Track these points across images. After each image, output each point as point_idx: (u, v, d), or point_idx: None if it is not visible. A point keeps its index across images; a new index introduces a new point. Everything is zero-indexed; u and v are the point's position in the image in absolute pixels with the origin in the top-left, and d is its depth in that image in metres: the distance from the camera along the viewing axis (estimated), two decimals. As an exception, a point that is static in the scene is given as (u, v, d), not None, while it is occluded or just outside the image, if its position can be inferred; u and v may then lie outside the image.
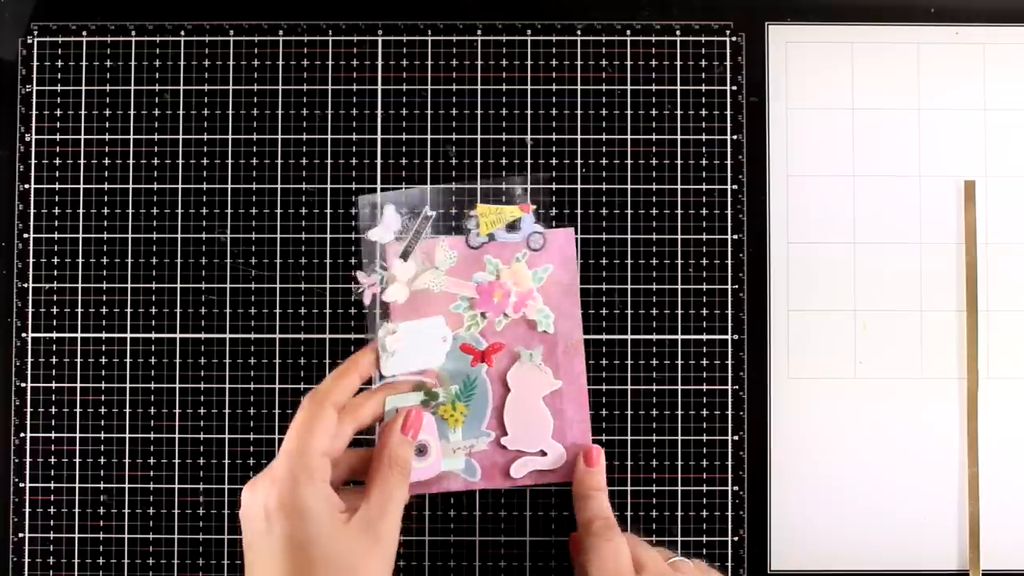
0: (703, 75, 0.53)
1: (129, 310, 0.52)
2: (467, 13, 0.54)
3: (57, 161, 0.53)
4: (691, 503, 0.52)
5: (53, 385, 0.52)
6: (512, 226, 0.51)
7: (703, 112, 0.53)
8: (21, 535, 0.52)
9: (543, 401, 0.50)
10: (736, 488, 0.52)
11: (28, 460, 0.52)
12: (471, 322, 0.51)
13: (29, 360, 0.52)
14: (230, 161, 0.53)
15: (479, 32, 0.53)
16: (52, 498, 0.52)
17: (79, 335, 0.52)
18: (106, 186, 0.53)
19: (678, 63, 0.53)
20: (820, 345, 0.53)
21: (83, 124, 0.53)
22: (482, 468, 0.51)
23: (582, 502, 0.48)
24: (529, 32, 0.53)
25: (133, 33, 0.53)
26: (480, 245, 0.51)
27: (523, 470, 0.50)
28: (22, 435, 0.52)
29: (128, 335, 0.52)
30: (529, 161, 0.53)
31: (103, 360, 0.52)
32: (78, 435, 0.52)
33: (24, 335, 0.53)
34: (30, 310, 0.53)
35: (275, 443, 0.52)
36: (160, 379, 0.52)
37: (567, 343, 0.51)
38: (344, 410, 0.45)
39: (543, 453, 0.50)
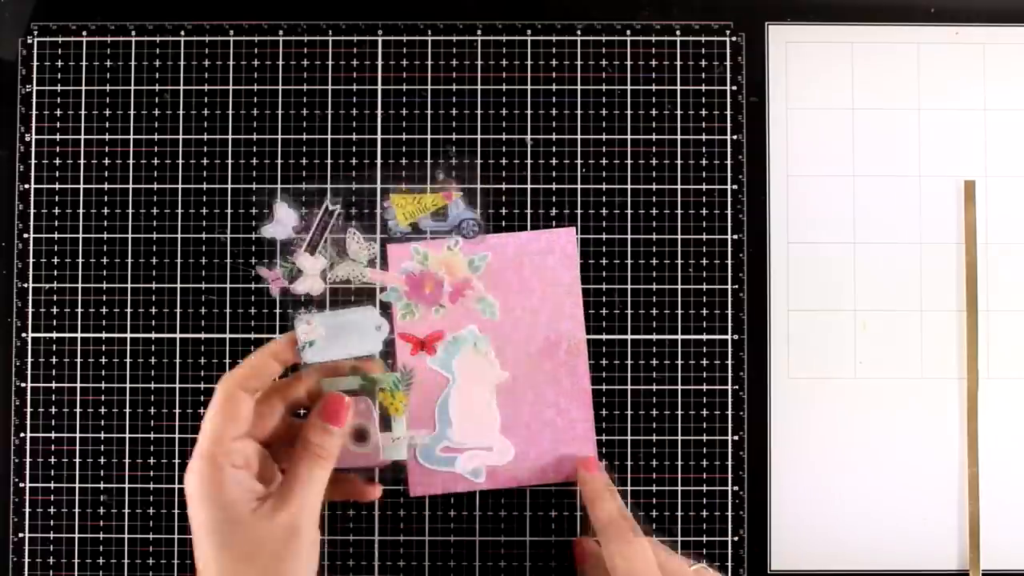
0: (703, 75, 0.53)
1: (129, 310, 0.52)
2: (467, 13, 0.54)
3: (57, 161, 0.53)
4: (691, 503, 0.52)
5: (53, 385, 0.52)
6: (438, 215, 0.51)
7: (703, 112, 0.53)
8: (21, 535, 0.52)
9: (491, 393, 0.50)
10: (736, 488, 0.52)
11: (28, 460, 0.52)
12: (405, 312, 0.50)
13: (29, 360, 0.52)
14: (230, 161, 0.53)
15: (479, 32, 0.53)
16: (52, 498, 0.52)
17: (79, 335, 0.52)
18: (106, 186, 0.53)
19: (678, 63, 0.53)
20: (820, 345, 0.53)
21: (83, 124, 0.53)
22: (486, 469, 0.51)
23: (596, 504, 0.47)
24: (529, 32, 0.53)
25: (133, 33, 0.53)
26: (402, 235, 0.51)
27: (470, 464, 0.50)
28: (22, 435, 0.52)
29: (128, 335, 0.52)
30: (529, 161, 0.53)
31: (103, 360, 0.52)
32: (78, 435, 0.52)
33: (24, 335, 0.53)
34: (30, 310, 0.53)
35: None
36: (160, 379, 0.52)
37: (570, 343, 0.51)
38: (273, 389, 0.44)
39: (489, 448, 0.50)
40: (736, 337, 0.53)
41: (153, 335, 0.52)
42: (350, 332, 0.47)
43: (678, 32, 0.53)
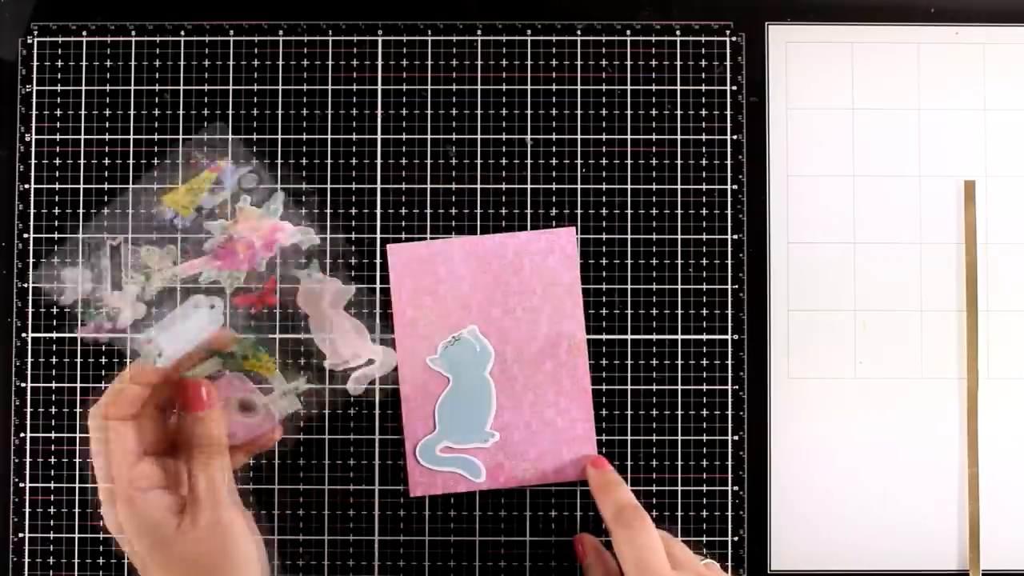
0: (703, 75, 0.53)
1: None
2: (467, 13, 0.54)
3: (57, 161, 0.53)
4: (691, 503, 0.52)
5: (53, 385, 0.52)
6: (215, 190, 0.51)
7: (703, 112, 0.53)
8: (21, 535, 0.52)
9: (343, 310, 0.50)
10: (736, 488, 0.52)
11: (28, 460, 0.52)
12: (232, 281, 0.51)
13: (29, 360, 0.52)
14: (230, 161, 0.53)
15: (479, 32, 0.53)
16: (52, 498, 0.52)
17: (79, 335, 0.52)
18: (106, 186, 0.53)
19: (678, 63, 0.53)
20: (820, 345, 0.53)
21: (83, 124, 0.53)
22: (487, 469, 0.51)
23: (604, 493, 0.47)
24: (529, 32, 0.53)
25: (133, 33, 0.53)
26: (191, 224, 0.51)
27: (360, 384, 0.50)
28: (22, 435, 0.52)
29: (128, 335, 0.52)
30: (529, 161, 0.53)
31: (103, 360, 0.52)
32: (78, 435, 0.52)
33: (24, 335, 0.53)
34: (30, 310, 0.53)
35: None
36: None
37: (570, 343, 0.51)
38: (145, 407, 0.44)
39: (371, 362, 0.51)
40: (736, 337, 0.53)
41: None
42: (188, 325, 0.48)
43: (678, 32, 0.53)
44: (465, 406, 0.51)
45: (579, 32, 0.53)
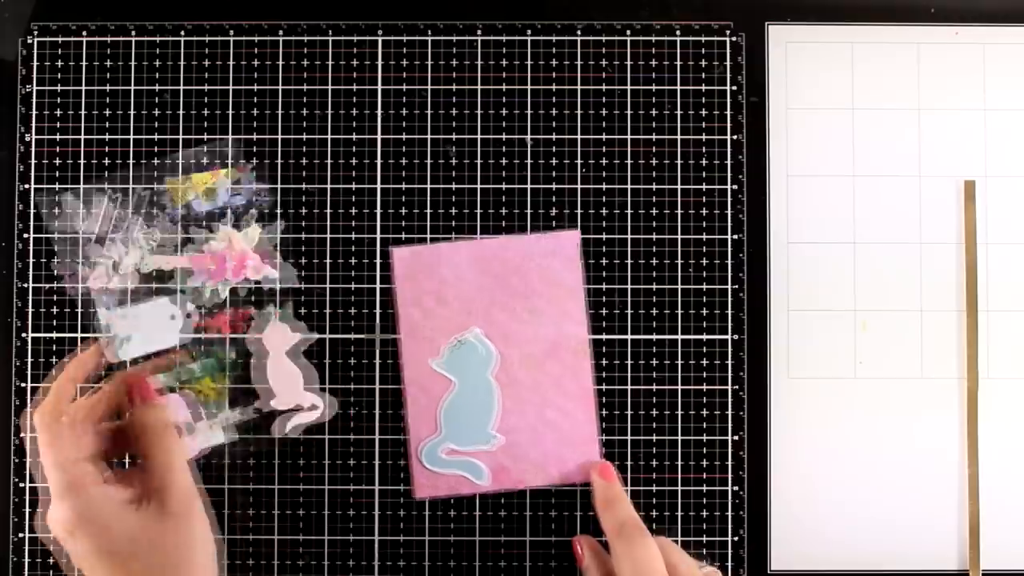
0: (703, 75, 0.53)
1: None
2: (467, 13, 0.54)
3: (57, 161, 0.53)
4: (691, 503, 0.52)
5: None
6: (209, 196, 0.51)
7: (703, 112, 0.53)
8: (21, 535, 0.52)
9: (295, 355, 0.51)
10: (736, 488, 0.52)
11: (28, 460, 0.52)
12: (196, 296, 0.51)
13: (29, 360, 0.52)
14: (230, 161, 0.53)
15: (479, 32, 0.53)
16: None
17: (79, 335, 0.52)
18: (106, 186, 0.53)
19: (678, 63, 0.53)
20: (820, 345, 0.53)
21: (83, 124, 0.53)
22: (490, 472, 0.51)
23: (608, 508, 0.48)
24: (529, 32, 0.53)
25: (133, 33, 0.53)
26: (181, 218, 0.51)
27: (296, 427, 0.51)
28: (22, 435, 0.52)
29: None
30: (529, 161, 0.53)
31: (103, 360, 0.52)
32: (78, 435, 0.52)
33: (24, 335, 0.52)
34: (30, 310, 0.53)
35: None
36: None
37: (574, 345, 0.51)
38: (84, 411, 0.45)
39: (313, 407, 0.51)
40: (736, 337, 0.53)
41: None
42: (148, 325, 0.49)
43: (678, 32, 0.53)
44: (469, 409, 0.51)
45: (579, 32, 0.53)
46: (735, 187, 0.53)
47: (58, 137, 0.53)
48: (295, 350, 0.51)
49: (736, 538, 0.52)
